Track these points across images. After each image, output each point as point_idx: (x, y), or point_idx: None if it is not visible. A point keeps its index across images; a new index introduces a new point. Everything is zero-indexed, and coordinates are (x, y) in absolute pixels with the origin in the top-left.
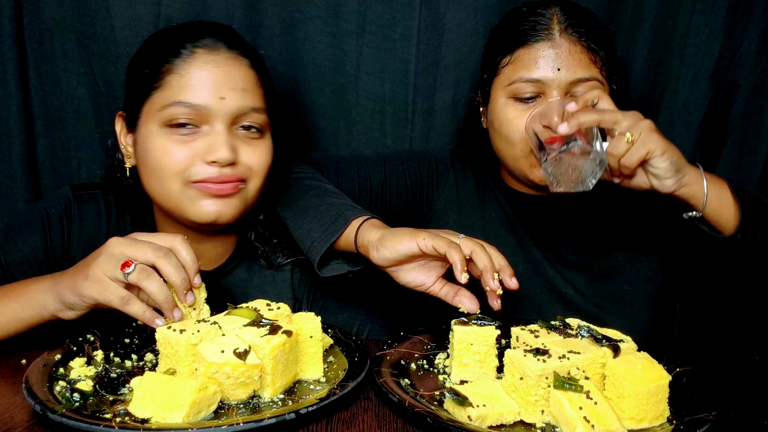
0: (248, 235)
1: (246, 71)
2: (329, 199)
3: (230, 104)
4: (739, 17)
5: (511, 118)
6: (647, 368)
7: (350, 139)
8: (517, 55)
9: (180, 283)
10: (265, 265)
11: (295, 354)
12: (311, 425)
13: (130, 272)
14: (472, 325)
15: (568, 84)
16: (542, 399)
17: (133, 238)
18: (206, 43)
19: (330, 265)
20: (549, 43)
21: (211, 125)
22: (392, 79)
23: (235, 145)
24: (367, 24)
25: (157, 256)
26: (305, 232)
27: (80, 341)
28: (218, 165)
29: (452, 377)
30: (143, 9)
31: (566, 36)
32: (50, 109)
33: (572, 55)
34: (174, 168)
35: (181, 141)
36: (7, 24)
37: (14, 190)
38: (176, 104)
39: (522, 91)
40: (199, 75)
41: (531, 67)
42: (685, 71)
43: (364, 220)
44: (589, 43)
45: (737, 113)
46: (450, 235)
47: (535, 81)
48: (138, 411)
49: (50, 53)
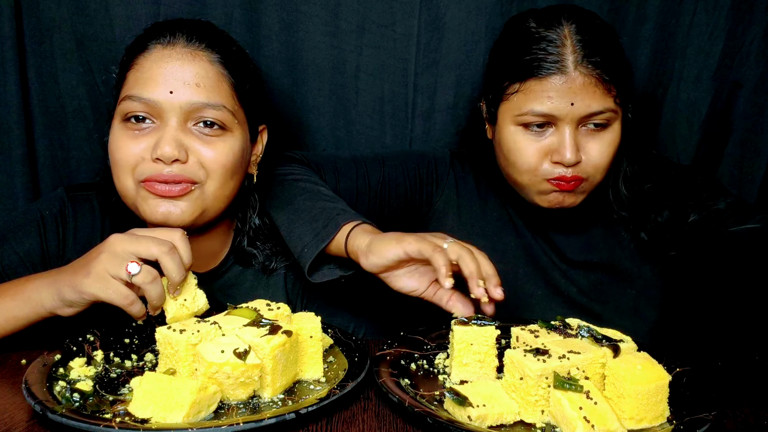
0: (239, 243)
1: (205, 66)
2: (321, 203)
3: (180, 99)
4: (741, 17)
5: (520, 147)
6: (647, 368)
7: (350, 138)
8: (528, 85)
9: (178, 281)
10: (259, 270)
11: (295, 354)
12: (311, 425)
13: (135, 274)
14: (471, 325)
15: (580, 117)
16: (542, 399)
17: (134, 234)
18: (164, 38)
19: (322, 270)
20: (563, 77)
21: (164, 121)
22: (392, 78)
23: (186, 142)
24: (367, 23)
25: (161, 251)
26: (296, 237)
27: (80, 341)
28: (162, 162)
29: (452, 377)
30: (142, 9)
31: (581, 68)
32: (50, 109)
33: (586, 88)
34: (125, 164)
35: (133, 136)
36: (7, 25)
37: (14, 190)
38: (128, 98)
39: (533, 122)
40: (152, 69)
41: (543, 101)
42: (688, 71)
43: (354, 226)
44: (603, 75)
45: (739, 113)
46: (438, 239)
47: (547, 115)
48: (138, 411)
49: (50, 53)
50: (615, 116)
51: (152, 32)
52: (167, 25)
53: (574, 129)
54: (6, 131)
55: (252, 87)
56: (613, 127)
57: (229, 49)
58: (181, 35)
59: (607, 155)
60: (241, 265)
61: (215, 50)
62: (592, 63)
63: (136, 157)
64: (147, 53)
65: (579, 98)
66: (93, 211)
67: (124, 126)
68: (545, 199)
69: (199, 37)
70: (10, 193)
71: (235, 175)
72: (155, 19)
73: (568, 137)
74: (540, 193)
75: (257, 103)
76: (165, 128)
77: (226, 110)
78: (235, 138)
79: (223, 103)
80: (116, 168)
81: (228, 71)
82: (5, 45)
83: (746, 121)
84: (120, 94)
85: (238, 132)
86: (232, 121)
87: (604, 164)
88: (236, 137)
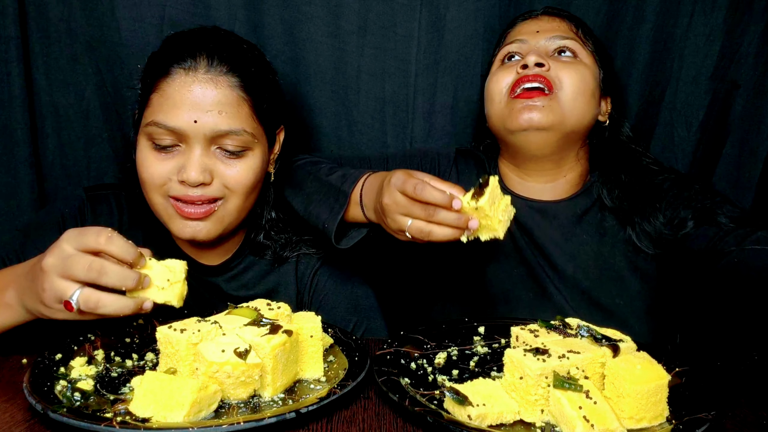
0: (255, 236)
1: (226, 93)
2: (327, 178)
3: (204, 127)
4: (738, 17)
5: (495, 79)
6: (646, 368)
7: (351, 138)
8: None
9: (132, 285)
10: (272, 260)
11: (295, 353)
12: (311, 424)
13: (77, 307)
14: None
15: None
16: (542, 398)
17: (64, 255)
18: (186, 63)
19: (349, 236)
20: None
21: (189, 145)
22: (393, 79)
23: (210, 166)
24: (368, 24)
25: (90, 277)
26: (315, 217)
27: (81, 340)
28: (187, 185)
29: (482, 236)
30: (147, 11)
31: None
32: (59, 109)
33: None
34: (154, 182)
35: (161, 158)
36: (11, 26)
37: (18, 189)
38: (153, 124)
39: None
40: (174, 96)
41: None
42: (686, 72)
43: (360, 191)
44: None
45: (737, 113)
46: (399, 218)
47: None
48: (139, 410)
49: (58, 55)
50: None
51: (173, 54)
52: (187, 47)
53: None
54: (10, 131)
55: (270, 101)
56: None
57: (248, 71)
58: (202, 59)
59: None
60: (254, 256)
61: (236, 74)
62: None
63: (162, 178)
64: (169, 79)
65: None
66: (110, 210)
67: (150, 146)
68: (521, 120)
69: (220, 60)
70: (14, 192)
71: (256, 189)
72: (160, 21)
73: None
74: (513, 112)
75: (275, 114)
76: (191, 153)
77: (247, 134)
78: (255, 156)
79: (244, 127)
80: (145, 186)
81: (248, 94)
82: (10, 46)
83: (744, 122)
84: (144, 113)
85: (258, 149)
86: (253, 141)
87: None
88: (256, 154)
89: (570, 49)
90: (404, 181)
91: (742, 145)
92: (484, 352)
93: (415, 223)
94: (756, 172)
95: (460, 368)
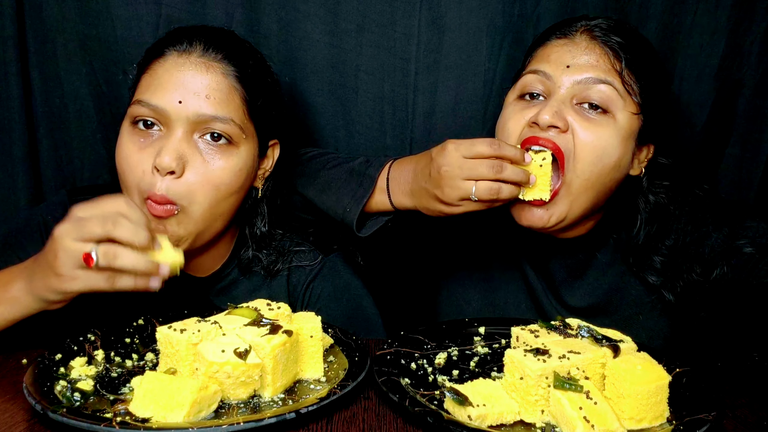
0: (243, 251)
1: (218, 78)
2: (349, 164)
3: (188, 110)
4: (742, 16)
5: (507, 117)
6: (647, 368)
7: (350, 138)
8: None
9: (144, 242)
10: (262, 274)
11: (295, 354)
12: (311, 425)
13: (96, 262)
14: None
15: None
16: (542, 399)
17: (76, 219)
18: (180, 45)
19: (367, 225)
20: (566, 39)
21: (170, 129)
22: (392, 78)
23: (187, 155)
24: (367, 22)
25: (106, 230)
26: (335, 202)
27: (81, 341)
28: (158, 174)
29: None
30: (144, 9)
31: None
32: (53, 109)
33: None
34: (133, 172)
35: (139, 145)
36: (9, 25)
37: (16, 190)
38: (137, 102)
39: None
40: (164, 76)
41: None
42: (689, 70)
43: (387, 177)
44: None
45: (740, 113)
46: (448, 195)
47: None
48: (138, 410)
49: (53, 54)
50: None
51: (171, 38)
52: (186, 32)
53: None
54: (8, 131)
55: (266, 101)
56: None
57: (245, 63)
58: (198, 44)
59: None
60: (242, 270)
61: (231, 63)
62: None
63: (138, 171)
64: (162, 59)
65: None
66: None
67: (132, 130)
68: (517, 219)
69: (216, 48)
70: (12, 193)
71: (235, 193)
72: (157, 20)
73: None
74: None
75: (270, 118)
76: (169, 138)
77: (234, 124)
78: (239, 154)
79: (232, 117)
80: (123, 184)
81: (241, 85)
82: (7, 45)
83: (747, 121)
84: (133, 96)
85: (244, 147)
86: (240, 135)
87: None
88: (241, 153)
89: (603, 101)
90: (472, 143)
91: (745, 145)
92: (484, 353)
93: (483, 184)
94: (758, 172)
95: (461, 368)
